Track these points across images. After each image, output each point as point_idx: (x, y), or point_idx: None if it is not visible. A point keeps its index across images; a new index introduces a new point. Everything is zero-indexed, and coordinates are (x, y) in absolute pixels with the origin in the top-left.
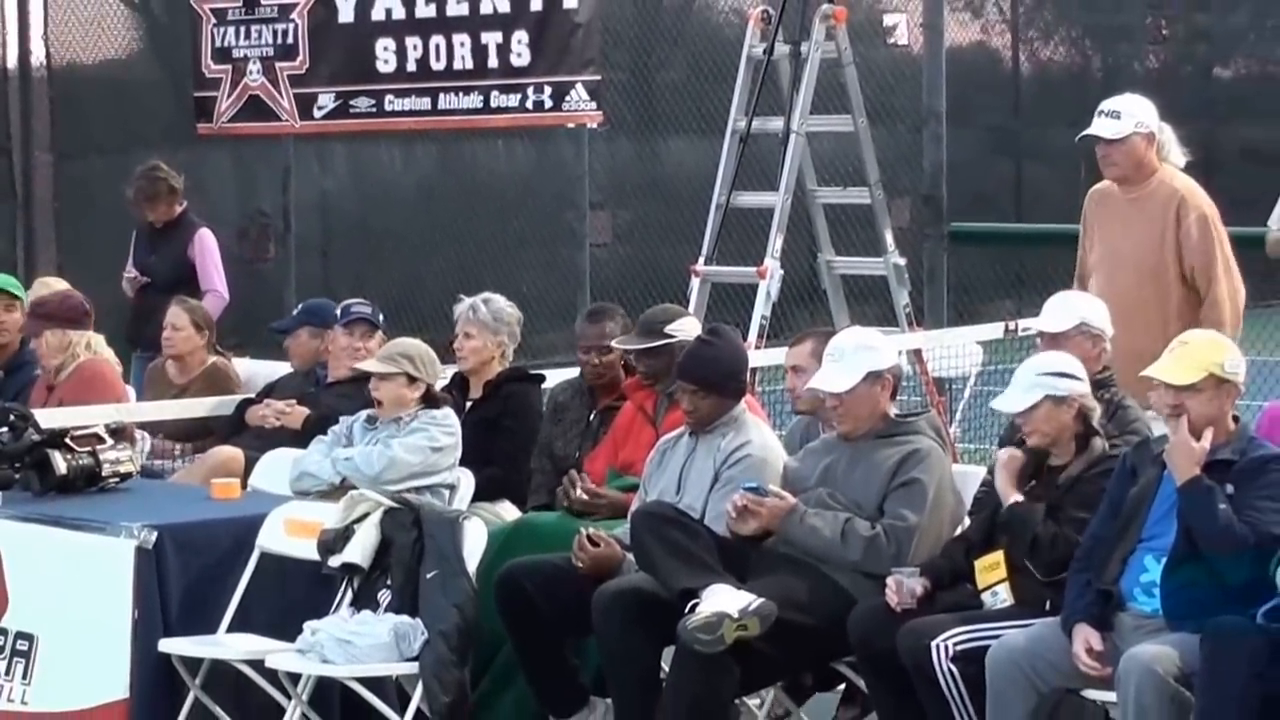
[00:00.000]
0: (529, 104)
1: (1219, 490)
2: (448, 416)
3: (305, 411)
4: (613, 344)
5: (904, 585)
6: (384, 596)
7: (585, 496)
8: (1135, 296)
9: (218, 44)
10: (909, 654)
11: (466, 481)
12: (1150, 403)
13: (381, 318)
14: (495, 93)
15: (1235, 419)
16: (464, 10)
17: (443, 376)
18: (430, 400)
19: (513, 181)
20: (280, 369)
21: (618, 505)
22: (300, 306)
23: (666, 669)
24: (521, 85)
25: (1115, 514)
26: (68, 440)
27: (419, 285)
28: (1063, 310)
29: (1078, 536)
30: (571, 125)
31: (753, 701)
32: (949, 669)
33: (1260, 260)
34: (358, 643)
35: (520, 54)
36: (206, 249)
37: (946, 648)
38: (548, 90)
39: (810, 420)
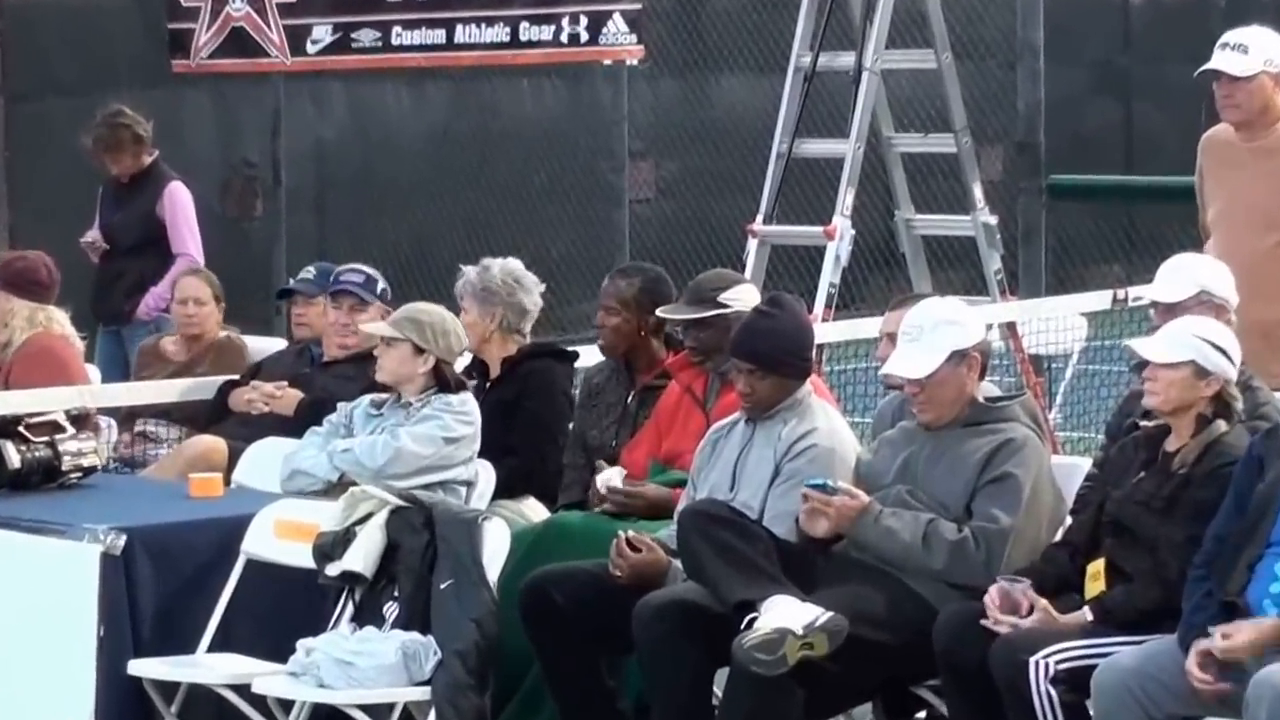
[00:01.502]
0: (561, 37)
1: None
2: (465, 402)
3: (298, 395)
4: (657, 312)
5: (1009, 597)
6: (390, 610)
7: (617, 494)
8: (1261, 260)
9: None
10: (1002, 672)
11: (486, 476)
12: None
13: (383, 287)
14: (521, 24)
15: None
16: None
17: (464, 356)
18: (446, 383)
19: (539, 127)
20: (275, 346)
21: (661, 503)
22: (317, 266)
23: (719, 694)
24: (551, 15)
25: (1241, 512)
26: (21, 429)
27: (428, 248)
28: (1179, 276)
29: (1194, 534)
30: (608, 61)
31: None
32: (1047, 691)
33: None
34: (360, 664)
35: None
36: (178, 205)
37: (1046, 666)
38: (582, 21)
39: (904, 398)
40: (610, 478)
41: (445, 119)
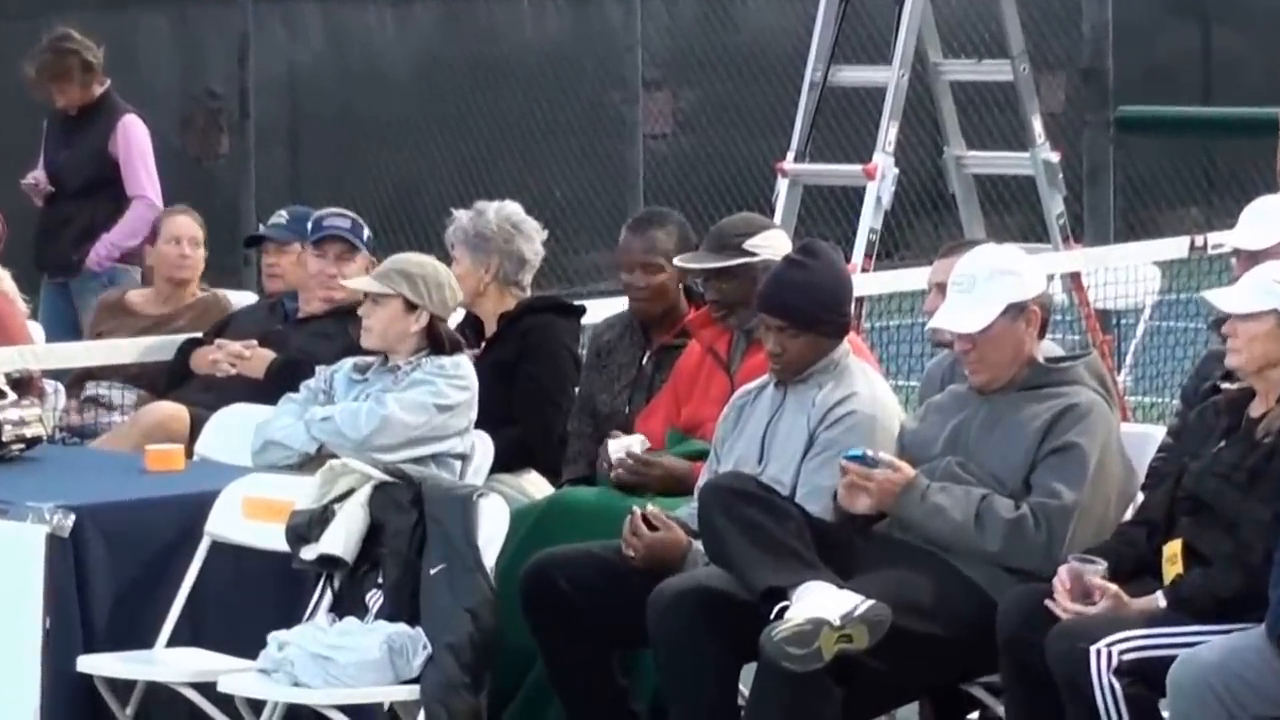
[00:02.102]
0: None
1: None
2: (460, 365)
3: (269, 355)
4: (675, 261)
5: (1080, 580)
6: (374, 599)
7: (630, 464)
8: None
9: None
10: (1059, 663)
11: (483, 449)
12: None
13: (368, 234)
14: None
15: None
16: None
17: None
18: (439, 343)
19: (541, 54)
20: (245, 300)
21: (680, 477)
22: (290, 211)
23: (746, 692)
24: None
25: None
26: None
27: (416, 191)
28: (1265, 220)
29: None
30: None
31: None
32: (1110, 683)
33: None
34: (339, 659)
35: None
36: (133, 141)
37: (1110, 656)
38: None
39: (955, 358)
40: (629, 444)
41: (434, 45)
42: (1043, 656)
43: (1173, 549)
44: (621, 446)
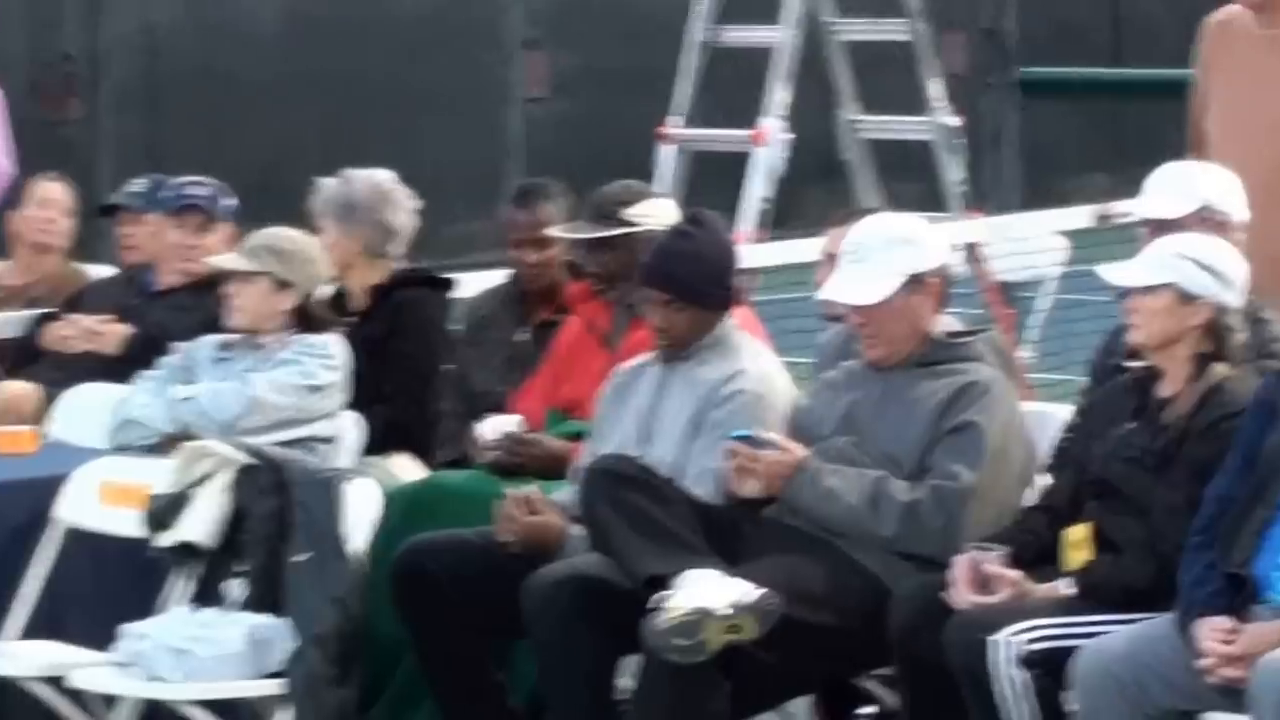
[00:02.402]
0: None
1: None
2: (330, 345)
3: (125, 330)
4: (552, 232)
5: (979, 568)
6: (236, 588)
7: (506, 445)
8: (1271, 174)
9: None
10: (959, 654)
11: (353, 432)
12: None
13: (230, 203)
14: None
15: None
16: None
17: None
18: (308, 321)
19: (415, 11)
20: (99, 273)
21: (558, 459)
22: (148, 178)
23: (628, 685)
24: None
25: (1248, 469)
26: None
27: (282, 158)
28: (1175, 188)
29: (1195, 497)
30: None
31: None
32: (1013, 676)
33: None
34: (199, 652)
35: None
36: None
37: (1012, 646)
38: None
39: (850, 335)
40: (504, 424)
41: (301, 1)
42: (938, 649)
43: (1077, 534)
44: (496, 427)
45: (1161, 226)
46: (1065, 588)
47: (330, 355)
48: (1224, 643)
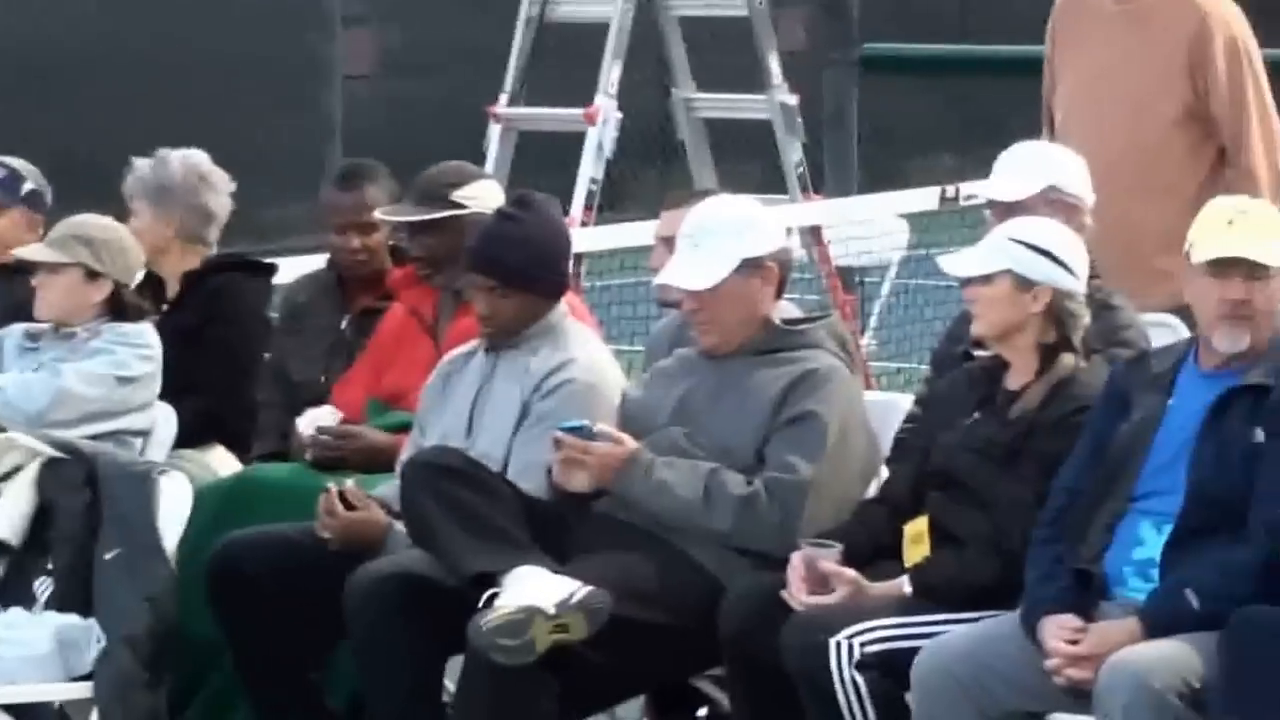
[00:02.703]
0: None
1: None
2: (144, 334)
3: None
4: (375, 214)
5: (815, 565)
6: (42, 587)
7: (323, 440)
8: (1127, 151)
9: None
10: (796, 657)
11: (166, 424)
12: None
13: (32, 187)
14: None
15: None
16: None
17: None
18: (121, 309)
19: None
20: None
21: (381, 451)
22: None
23: (452, 686)
24: None
25: (1099, 460)
26: None
27: (91, 138)
28: (1021, 168)
29: (1043, 493)
30: None
31: None
32: (852, 678)
33: None
34: (3, 654)
35: None
36: None
37: (851, 648)
38: None
39: (681, 324)
40: (319, 417)
41: None
42: (772, 650)
43: (917, 528)
44: (312, 421)
45: (1008, 209)
46: (908, 585)
47: (145, 345)
48: (1070, 642)
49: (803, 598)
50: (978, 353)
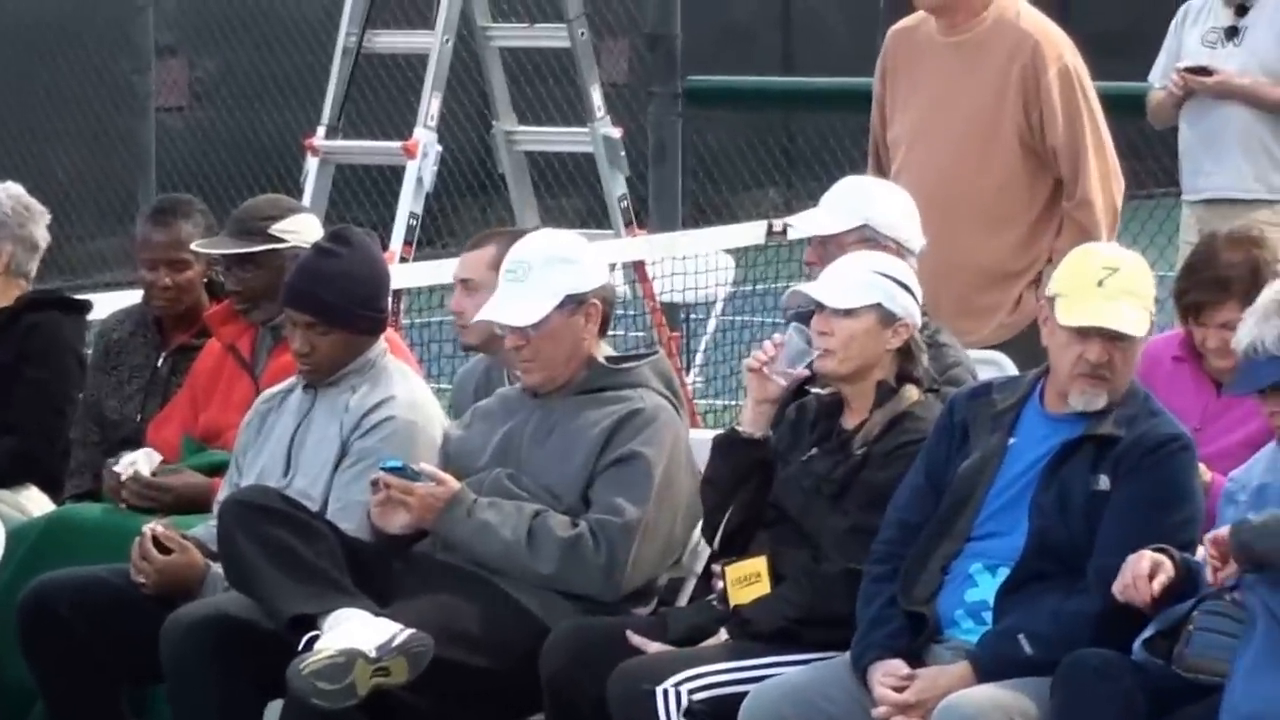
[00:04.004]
0: None
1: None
2: None
3: None
4: (194, 247)
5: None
6: None
7: (134, 489)
8: (964, 184)
9: None
10: (621, 706)
11: None
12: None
13: None
14: None
15: None
16: None
17: None
18: None
19: (41, 14)
20: None
21: (197, 493)
22: None
23: None
24: None
25: (935, 497)
26: None
27: None
28: (841, 203)
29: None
30: None
31: None
32: None
33: (1129, 134)
34: None
35: None
36: None
37: (678, 695)
38: None
39: (487, 367)
40: (135, 460)
41: None
42: (595, 694)
43: (740, 570)
44: (130, 463)
45: (822, 244)
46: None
47: None
48: (899, 689)
49: (638, 641)
50: (815, 390)
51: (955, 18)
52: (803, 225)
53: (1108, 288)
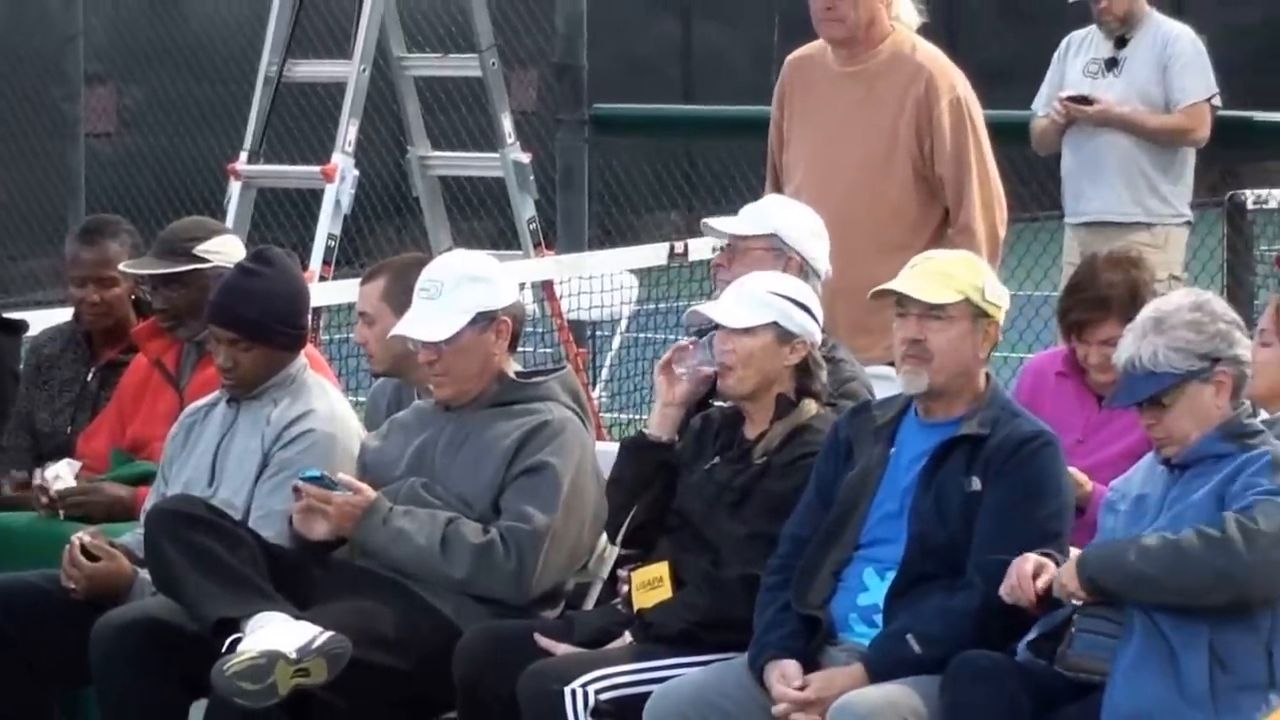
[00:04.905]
0: None
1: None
2: None
3: None
4: (120, 266)
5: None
6: None
7: (55, 503)
8: (851, 211)
9: None
10: (532, 705)
11: None
12: (871, 352)
13: None
14: None
15: (986, 376)
16: None
17: None
18: None
19: None
20: None
21: (124, 502)
22: None
23: None
24: None
25: (824, 507)
26: None
27: None
28: (759, 212)
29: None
30: None
31: None
32: None
33: (1014, 160)
34: None
35: None
36: None
37: (585, 695)
38: None
39: (398, 385)
40: (59, 473)
41: None
42: (504, 697)
43: (646, 575)
44: (53, 475)
45: (730, 255)
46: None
47: None
48: (796, 689)
49: (546, 643)
50: (716, 403)
51: (855, 49)
52: (716, 224)
53: (919, 268)
